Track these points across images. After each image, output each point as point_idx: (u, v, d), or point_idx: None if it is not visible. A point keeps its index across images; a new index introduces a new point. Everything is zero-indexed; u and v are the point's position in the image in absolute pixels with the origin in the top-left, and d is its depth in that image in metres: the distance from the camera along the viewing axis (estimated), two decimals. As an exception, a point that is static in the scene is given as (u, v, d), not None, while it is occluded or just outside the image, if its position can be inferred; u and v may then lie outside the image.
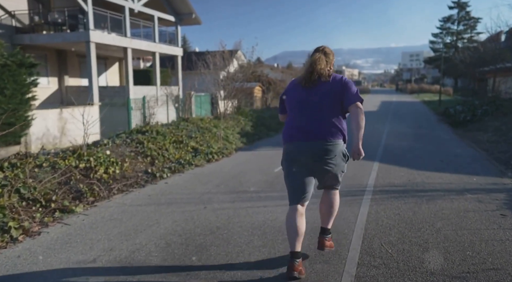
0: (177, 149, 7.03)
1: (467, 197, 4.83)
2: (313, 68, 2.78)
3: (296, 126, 2.80)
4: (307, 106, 2.77)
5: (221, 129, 8.83)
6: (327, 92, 2.76)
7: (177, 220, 3.99)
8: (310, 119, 2.75)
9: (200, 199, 4.77)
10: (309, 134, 2.73)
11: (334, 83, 2.78)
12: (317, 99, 2.75)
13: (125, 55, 17.86)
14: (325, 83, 2.77)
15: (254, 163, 7.07)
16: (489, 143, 8.93)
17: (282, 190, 5.29)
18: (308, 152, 2.73)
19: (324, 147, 2.71)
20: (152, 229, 3.74)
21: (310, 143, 2.73)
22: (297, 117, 2.81)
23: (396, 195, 4.96)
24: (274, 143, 9.72)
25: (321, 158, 2.73)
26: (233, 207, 4.43)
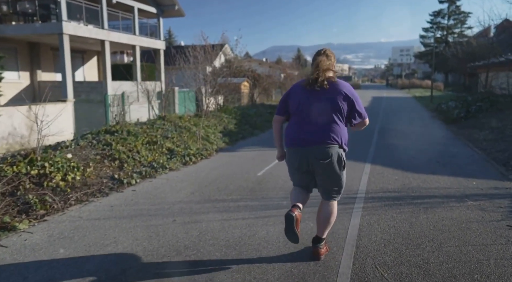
0: (150, 151, 6.49)
1: (468, 204, 4.44)
2: (318, 71, 2.85)
3: (299, 129, 2.89)
4: (312, 110, 2.84)
5: (200, 128, 8.31)
6: (332, 98, 2.83)
7: (139, 238, 3.48)
8: (312, 124, 2.84)
9: (169, 210, 4.26)
10: (310, 139, 2.84)
11: (340, 91, 2.84)
12: (321, 104, 2.82)
13: (102, 48, 17.10)
14: (330, 88, 2.84)
15: (236, 165, 6.58)
16: (486, 142, 8.62)
17: (264, 198, 4.85)
18: (309, 155, 2.85)
19: (324, 150, 2.82)
20: (107, 250, 3.23)
21: (310, 148, 2.84)
22: (300, 121, 2.89)
23: (390, 202, 4.54)
24: (258, 142, 9.25)
25: (320, 162, 2.84)
26: (207, 220, 3.95)
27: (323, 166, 2.86)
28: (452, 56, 24.36)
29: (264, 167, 6.38)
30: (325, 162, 2.83)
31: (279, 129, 3.17)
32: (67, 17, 14.71)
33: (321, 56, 2.94)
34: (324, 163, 2.84)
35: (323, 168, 2.87)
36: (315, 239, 3.09)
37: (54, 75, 18.27)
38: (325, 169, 2.87)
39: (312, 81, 2.85)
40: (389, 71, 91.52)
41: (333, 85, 2.86)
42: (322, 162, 2.83)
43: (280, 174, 5.94)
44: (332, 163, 2.85)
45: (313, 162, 2.86)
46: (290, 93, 3.00)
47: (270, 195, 4.84)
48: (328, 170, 2.88)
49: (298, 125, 2.90)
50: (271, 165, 6.55)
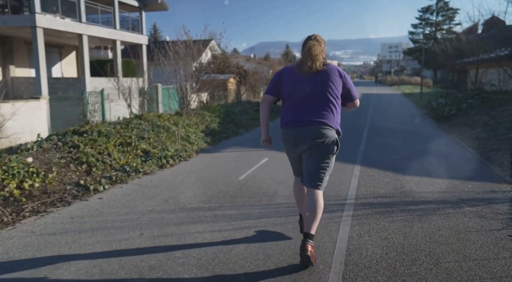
0: (123, 153, 6.04)
1: (465, 210, 4.15)
2: (309, 54, 2.89)
3: (294, 112, 2.95)
4: (304, 93, 2.91)
5: (180, 128, 7.88)
6: (324, 80, 2.91)
7: (98, 256, 3.07)
8: (307, 107, 2.91)
9: (138, 221, 3.85)
10: (304, 120, 2.90)
11: (331, 73, 2.94)
12: (314, 86, 2.90)
13: (80, 43, 16.44)
14: (321, 71, 2.92)
15: (216, 168, 6.19)
16: (479, 140, 8.41)
17: (244, 206, 4.46)
18: (302, 136, 2.92)
19: (317, 131, 2.88)
20: (57, 274, 2.81)
21: (303, 128, 2.90)
22: (295, 104, 2.95)
23: (382, 209, 4.22)
24: (243, 142, 8.86)
25: (314, 141, 2.89)
26: (179, 233, 3.55)
27: (315, 146, 2.91)
28: (442, 51, 24.33)
29: (247, 170, 6.01)
30: (318, 141, 2.89)
31: (267, 111, 3.18)
32: (41, 9, 14.03)
33: (312, 41, 2.97)
34: (317, 142, 2.90)
35: (317, 148, 2.92)
36: (305, 234, 2.88)
37: (29, 71, 17.50)
38: (318, 150, 2.93)
39: (306, 65, 2.91)
40: (378, 68, 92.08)
41: (326, 69, 2.95)
42: (315, 141, 2.89)
43: (263, 177, 5.58)
44: (326, 143, 2.91)
45: (306, 141, 2.92)
46: (283, 77, 3.02)
47: (252, 202, 4.47)
48: (320, 151, 2.93)
49: (293, 108, 2.97)
50: (254, 168, 6.18)
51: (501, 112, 10.51)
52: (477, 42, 17.00)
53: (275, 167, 6.23)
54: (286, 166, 6.53)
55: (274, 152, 7.54)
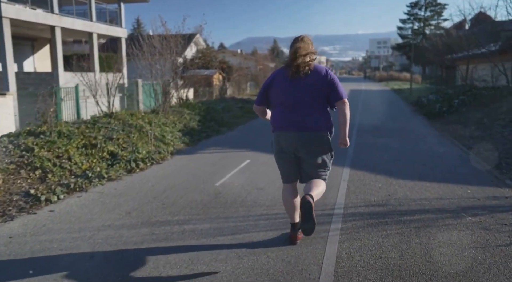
0: (87, 156, 5.47)
1: (466, 221, 3.74)
2: (296, 57, 2.91)
3: (284, 118, 2.97)
4: (294, 98, 2.93)
5: (156, 127, 7.32)
6: (312, 84, 2.93)
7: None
8: (296, 111, 2.94)
9: (91, 240, 3.32)
10: (296, 124, 2.93)
11: (319, 75, 2.95)
12: (303, 91, 2.92)
13: (52, 35, 15.61)
14: (309, 74, 2.93)
15: (192, 172, 5.67)
16: (473, 139, 8.10)
17: (219, 219, 3.89)
18: (295, 141, 2.95)
19: (310, 137, 2.93)
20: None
21: (297, 133, 2.93)
22: (285, 110, 2.98)
23: (374, 220, 3.78)
24: (224, 142, 8.35)
25: (306, 147, 2.95)
26: (137, 255, 3.04)
27: (309, 152, 2.97)
28: (432, 46, 24.21)
29: (226, 174, 5.51)
30: (312, 148, 2.96)
31: (265, 113, 3.29)
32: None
33: (298, 43, 2.98)
34: (311, 150, 2.96)
35: (310, 154, 2.98)
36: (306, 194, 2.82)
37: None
38: (312, 156, 2.98)
39: (292, 69, 2.92)
40: (367, 64, 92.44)
41: (314, 71, 2.95)
42: (309, 148, 2.95)
43: (243, 183, 5.09)
44: (319, 149, 2.99)
45: (299, 148, 2.96)
46: (271, 83, 3.04)
47: (227, 214, 3.98)
48: (315, 157, 2.99)
49: (283, 114, 2.99)
50: (234, 171, 5.69)
51: (495, 109, 10.26)
52: (467, 36, 16.81)
53: (256, 171, 5.75)
54: (268, 169, 6.08)
55: (256, 153, 7.06)
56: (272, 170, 5.80)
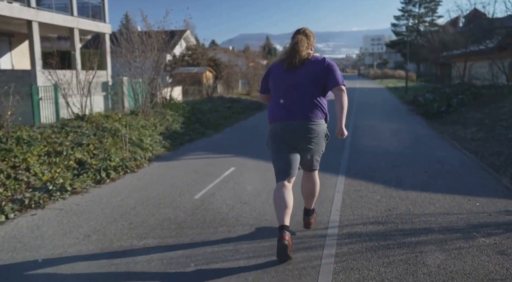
0: (50, 165, 4.92)
1: (479, 243, 3.29)
2: (295, 50, 2.98)
3: (281, 107, 3.04)
4: (291, 88, 3.01)
5: (133, 130, 6.78)
6: (310, 73, 2.99)
7: None
8: (294, 100, 3.01)
9: (32, 278, 2.78)
10: (293, 114, 2.99)
11: (317, 64, 3.02)
12: (300, 81, 2.99)
13: (29, 30, 14.91)
14: (307, 64, 3.00)
15: (169, 182, 5.15)
16: (475, 142, 7.69)
17: (194, 243, 3.19)
18: (292, 131, 3.02)
19: (307, 127, 3.00)
20: None
21: (294, 122, 2.99)
22: (281, 99, 3.05)
23: (374, 243, 3.30)
24: (209, 146, 7.82)
25: (305, 137, 3.03)
26: (88, 296, 2.52)
27: (307, 141, 3.04)
28: (428, 43, 23.92)
29: (207, 185, 5.01)
30: (311, 137, 3.02)
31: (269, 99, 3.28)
32: (-22, -10, 12.48)
33: (300, 35, 3.03)
34: (309, 138, 3.02)
35: (308, 143, 3.04)
36: (305, 211, 3.49)
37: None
38: (309, 144, 3.06)
39: (290, 60, 2.98)
40: (361, 61, 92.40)
41: (311, 62, 3.00)
42: (306, 137, 3.01)
43: (226, 195, 4.59)
44: (317, 137, 3.05)
45: (296, 137, 3.02)
46: (270, 72, 3.14)
47: (204, 236, 3.47)
48: (312, 145, 3.07)
49: (280, 104, 3.05)
50: (217, 181, 5.18)
51: (496, 109, 9.89)
52: (464, 33, 16.48)
53: (242, 180, 5.25)
54: (255, 178, 5.57)
55: (242, 159, 6.57)
56: (259, 179, 5.33)
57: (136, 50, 8.70)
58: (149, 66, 8.93)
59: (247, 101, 14.82)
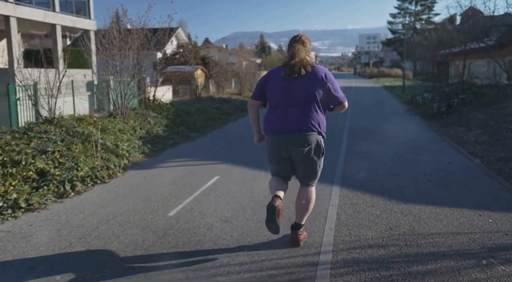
0: (4, 177, 4.38)
1: (499, 273, 2.83)
2: (294, 60, 2.98)
3: (277, 120, 3.04)
4: (290, 99, 2.99)
5: (109, 134, 6.25)
6: (309, 85, 2.98)
7: None
8: (291, 112, 3.00)
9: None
10: (291, 126, 2.98)
11: (316, 77, 2.99)
12: (299, 92, 2.98)
13: (7, 26, 14.29)
14: (306, 75, 2.97)
15: (143, 195, 4.64)
16: (480, 146, 7.26)
17: (160, 273, 2.89)
18: (288, 143, 3.00)
19: (304, 138, 2.99)
20: None
21: (291, 135, 2.99)
22: (278, 109, 3.04)
23: (374, 274, 2.82)
24: (193, 151, 7.30)
25: (300, 149, 2.99)
26: None
27: (302, 154, 3.02)
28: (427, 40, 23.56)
29: (185, 198, 4.50)
30: (304, 150, 3.00)
31: (256, 115, 3.26)
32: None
33: (297, 44, 3.06)
34: (303, 150, 3.00)
35: (302, 155, 3.02)
36: (293, 226, 3.28)
37: None
38: (303, 157, 3.03)
39: (290, 69, 2.98)
40: (357, 59, 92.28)
41: (310, 72, 2.98)
42: (301, 149, 2.99)
43: (205, 211, 4.09)
44: (311, 150, 3.03)
45: (292, 149, 3.01)
46: (268, 80, 3.09)
47: (173, 265, 2.97)
48: (306, 158, 3.05)
49: (276, 113, 3.04)
50: (197, 193, 4.68)
51: (499, 110, 9.48)
52: (463, 30, 16.10)
53: (225, 192, 4.75)
54: (240, 190, 4.95)
55: (228, 166, 6.07)
56: (245, 191, 4.83)
57: (114, 48, 8.16)
58: (129, 65, 8.40)
59: (237, 101, 14.29)
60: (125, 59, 8.23)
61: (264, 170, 5.79)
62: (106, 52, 8.17)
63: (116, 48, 8.10)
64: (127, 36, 8.37)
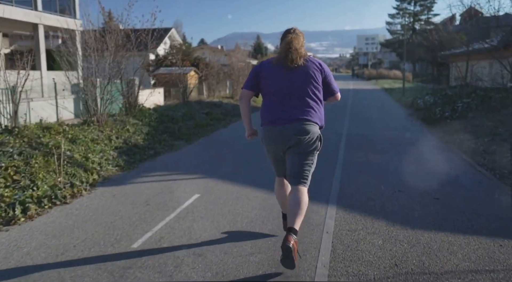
0: None
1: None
2: (289, 49, 2.96)
3: (275, 110, 3.01)
4: (287, 90, 2.99)
5: (79, 145, 5.66)
6: (305, 75, 3.00)
7: None
8: (289, 103, 2.99)
9: None
10: (288, 117, 2.97)
11: (313, 68, 3.02)
12: (296, 83, 2.99)
13: (-16, 26, 13.67)
14: (302, 66, 2.99)
15: (107, 220, 4.05)
16: (490, 156, 6.72)
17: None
18: (286, 134, 2.98)
19: (300, 126, 2.96)
20: None
21: (288, 125, 2.97)
22: (275, 101, 3.03)
23: None
24: (174, 163, 6.71)
25: (296, 138, 2.97)
26: None
27: (301, 143, 2.98)
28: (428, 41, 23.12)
29: (157, 223, 3.92)
30: (304, 138, 2.97)
31: (248, 106, 3.19)
32: None
33: (290, 34, 3.03)
34: (302, 139, 2.97)
35: (301, 145, 2.99)
36: (288, 229, 2.86)
37: None
38: (301, 147, 2.99)
39: (286, 59, 2.95)
40: (355, 61, 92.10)
41: (307, 63, 3.01)
42: (300, 137, 2.96)
43: (177, 241, 3.52)
44: (310, 141, 2.99)
45: (291, 138, 2.97)
46: (262, 71, 3.07)
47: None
48: (304, 148, 3.00)
49: (274, 104, 3.02)
50: (171, 217, 4.10)
51: (508, 116, 8.96)
52: (467, 29, 15.63)
53: (204, 215, 4.17)
54: (221, 212, 4.07)
55: (211, 181, 5.51)
56: (226, 213, 4.25)
57: (88, 48, 7.59)
58: (105, 67, 7.82)
59: (229, 106, 13.71)
60: (101, 60, 7.66)
61: (251, 185, 5.23)
62: (79, 53, 7.59)
63: (91, 48, 7.54)
64: (106, 36, 7.81)
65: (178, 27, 56.39)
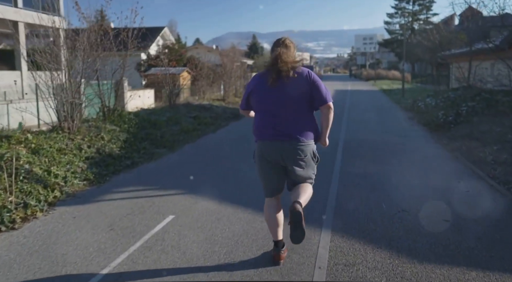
0: None
1: None
2: (276, 64, 2.93)
3: (267, 125, 3.00)
4: (277, 105, 2.96)
5: (42, 157, 5.06)
6: (295, 90, 2.95)
7: None
8: (281, 118, 2.97)
9: None
10: (280, 133, 2.96)
11: (301, 80, 2.97)
12: (285, 98, 2.95)
13: (-42, 24, 13.01)
14: (291, 80, 2.94)
15: (58, 253, 3.46)
16: (501, 167, 6.18)
17: None
18: (280, 151, 2.97)
19: (295, 147, 2.96)
20: None
21: (281, 142, 2.96)
22: (267, 117, 3.00)
23: None
24: (151, 175, 6.10)
25: (292, 158, 2.98)
26: None
27: (295, 162, 2.98)
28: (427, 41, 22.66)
29: (118, 256, 3.34)
30: (298, 158, 2.97)
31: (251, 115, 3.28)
32: None
33: (280, 47, 3.00)
34: (297, 159, 2.97)
35: (296, 163, 2.98)
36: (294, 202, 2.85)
37: None
38: (297, 165, 2.99)
39: (273, 75, 2.93)
40: (353, 61, 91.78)
41: (297, 76, 2.95)
42: (296, 157, 2.96)
43: (143, 274, 2.93)
44: (306, 159, 3.00)
45: (285, 157, 2.96)
46: (253, 88, 3.07)
47: None
48: (300, 166, 3.00)
49: (265, 121, 3.01)
50: (136, 246, 3.51)
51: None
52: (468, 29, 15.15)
53: (175, 245, 3.58)
54: (197, 240, 3.38)
55: (190, 198, 4.91)
56: (202, 241, 3.65)
57: (56, 47, 7.00)
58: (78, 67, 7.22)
59: (219, 109, 13.10)
60: (74, 60, 7.07)
61: (234, 204, 4.65)
62: (46, 52, 7.02)
63: (60, 47, 6.95)
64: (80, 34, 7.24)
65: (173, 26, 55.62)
